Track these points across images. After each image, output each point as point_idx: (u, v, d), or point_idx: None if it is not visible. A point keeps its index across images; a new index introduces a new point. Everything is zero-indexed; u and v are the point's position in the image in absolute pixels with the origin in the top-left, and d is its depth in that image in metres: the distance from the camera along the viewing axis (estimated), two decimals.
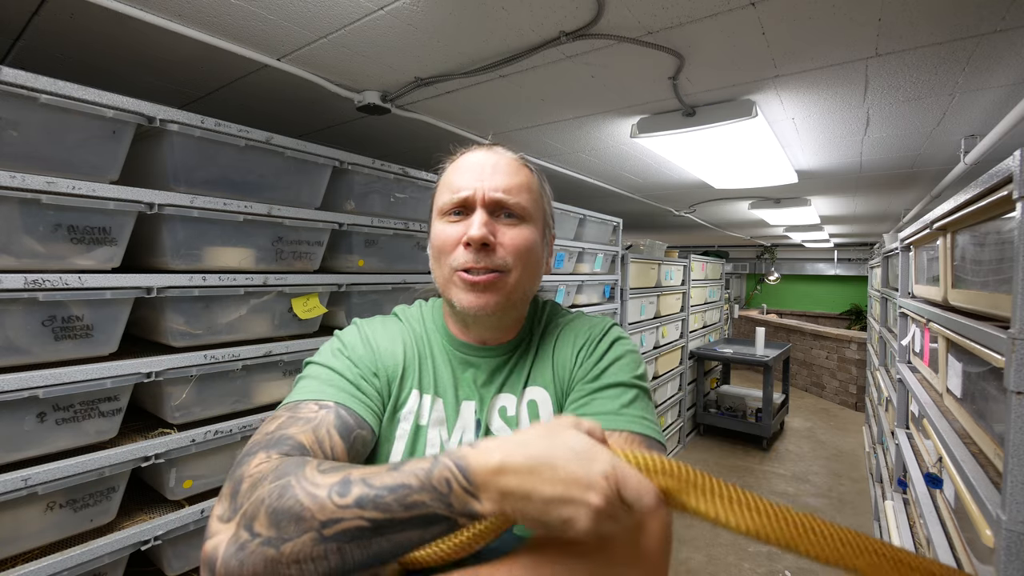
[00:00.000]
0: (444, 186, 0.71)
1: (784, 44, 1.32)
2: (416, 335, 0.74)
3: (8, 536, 0.97)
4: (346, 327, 0.74)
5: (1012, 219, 0.84)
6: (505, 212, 0.68)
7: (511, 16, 1.20)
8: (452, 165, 0.72)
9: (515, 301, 0.69)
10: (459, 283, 0.66)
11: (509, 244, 0.67)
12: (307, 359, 0.70)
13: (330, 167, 1.49)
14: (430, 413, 0.68)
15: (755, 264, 11.03)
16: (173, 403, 1.20)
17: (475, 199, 0.67)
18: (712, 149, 2.14)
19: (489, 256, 0.65)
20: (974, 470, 0.95)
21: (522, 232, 0.68)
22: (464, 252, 0.65)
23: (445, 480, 0.45)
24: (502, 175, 0.68)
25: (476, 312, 0.66)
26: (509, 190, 0.67)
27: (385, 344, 0.71)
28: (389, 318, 0.77)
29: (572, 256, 2.82)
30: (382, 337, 0.72)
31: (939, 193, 2.71)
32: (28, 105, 0.94)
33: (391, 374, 0.69)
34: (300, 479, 0.47)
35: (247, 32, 1.29)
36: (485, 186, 0.67)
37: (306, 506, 0.44)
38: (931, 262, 1.65)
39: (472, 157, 0.71)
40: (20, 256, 0.96)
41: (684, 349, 4.79)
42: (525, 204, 0.69)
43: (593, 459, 0.43)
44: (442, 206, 0.69)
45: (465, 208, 0.67)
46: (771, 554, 2.99)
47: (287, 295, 1.42)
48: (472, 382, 0.71)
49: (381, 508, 0.44)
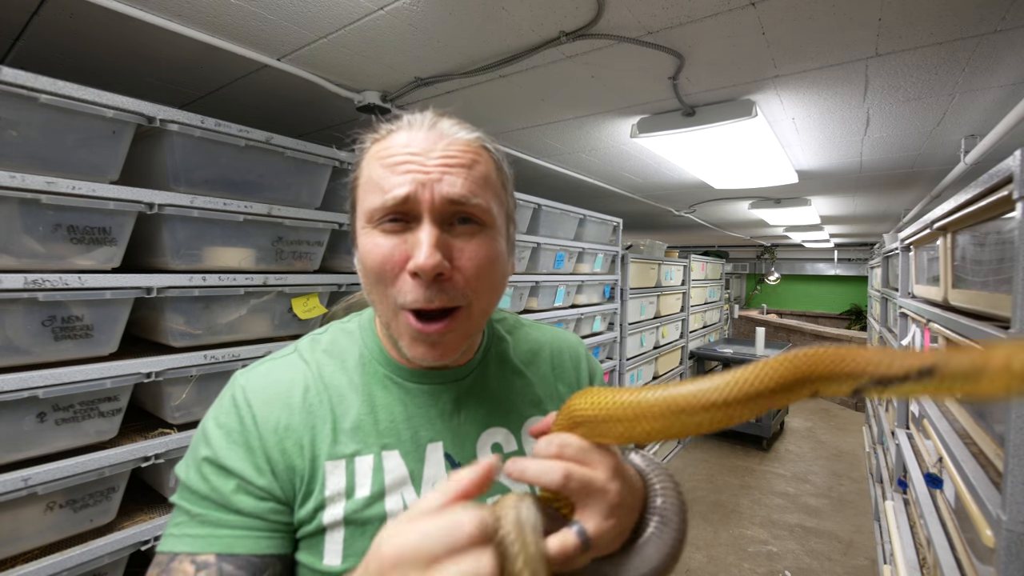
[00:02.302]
0: (370, 181, 0.50)
1: (784, 44, 1.32)
2: (330, 378, 0.55)
3: (8, 536, 0.97)
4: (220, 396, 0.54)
5: (1012, 219, 0.84)
6: (461, 218, 0.49)
7: (511, 16, 1.20)
8: (378, 146, 0.51)
9: (478, 330, 0.56)
10: (407, 329, 0.49)
11: (468, 266, 0.49)
12: (177, 466, 0.52)
13: (330, 167, 1.49)
14: (376, 478, 0.51)
15: (755, 264, 11.03)
16: (173, 403, 1.20)
17: (420, 204, 0.47)
18: (712, 149, 2.14)
19: (444, 290, 0.48)
20: (974, 470, 0.95)
21: (484, 245, 0.50)
22: (413, 286, 0.47)
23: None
24: (456, 167, 0.49)
25: (432, 363, 0.51)
26: (468, 188, 0.49)
27: (274, 415, 0.51)
28: (285, 360, 0.56)
29: (572, 256, 2.82)
30: (269, 406, 0.51)
31: (939, 193, 2.71)
32: (28, 105, 0.94)
33: (291, 460, 0.50)
34: None
35: (247, 32, 1.29)
36: (434, 184, 0.47)
37: None
38: (931, 262, 1.65)
39: (409, 139, 0.50)
40: (20, 256, 0.96)
41: (684, 349, 4.79)
42: (487, 205, 0.50)
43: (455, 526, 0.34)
44: (371, 211, 0.49)
45: (404, 215, 0.48)
46: (771, 554, 2.99)
47: (287, 295, 1.42)
48: (434, 418, 0.55)
49: None
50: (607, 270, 3.29)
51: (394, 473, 0.51)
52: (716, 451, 4.67)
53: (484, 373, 0.61)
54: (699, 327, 5.33)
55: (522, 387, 0.62)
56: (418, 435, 0.54)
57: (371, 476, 0.51)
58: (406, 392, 0.56)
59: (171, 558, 0.46)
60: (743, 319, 9.35)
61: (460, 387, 0.58)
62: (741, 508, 3.56)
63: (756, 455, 4.59)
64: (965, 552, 1.11)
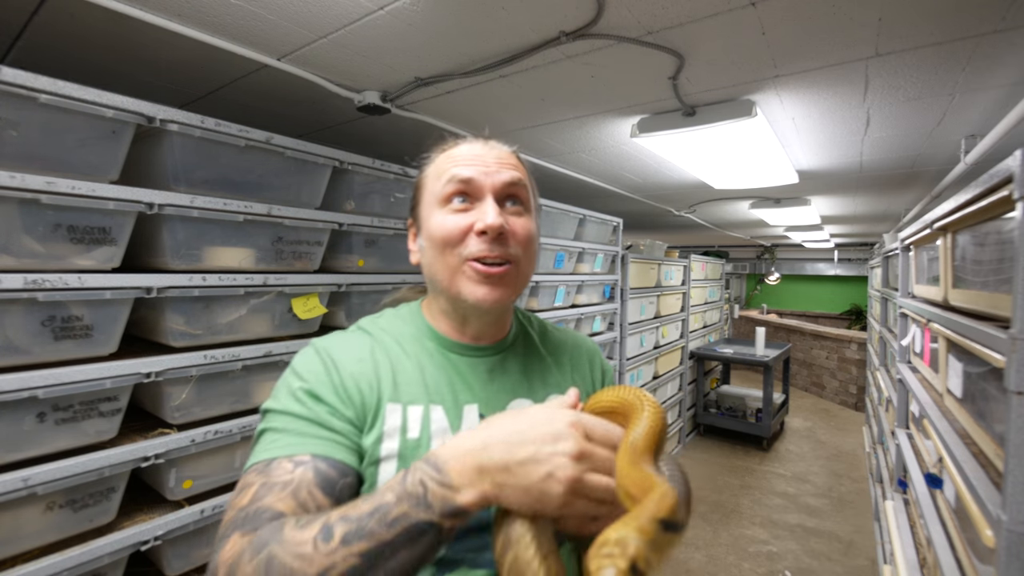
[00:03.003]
0: (440, 174, 0.65)
1: (784, 44, 1.32)
2: (389, 345, 0.66)
3: (8, 536, 0.97)
4: (301, 353, 0.65)
5: (1012, 219, 0.84)
6: (511, 201, 0.65)
7: (511, 16, 1.20)
8: (446, 155, 0.67)
9: (519, 293, 0.67)
10: (471, 274, 0.61)
11: (518, 232, 0.64)
12: (265, 404, 0.60)
13: (330, 167, 1.49)
14: (424, 425, 0.61)
15: (755, 264, 11.03)
16: (173, 403, 1.20)
17: (483, 186, 0.63)
18: (712, 149, 2.14)
19: (503, 245, 0.62)
20: (974, 470, 0.95)
21: (526, 221, 0.66)
22: (477, 241, 0.61)
23: (420, 482, 0.44)
24: (507, 165, 0.65)
25: (488, 305, 0.62)
26: (516, 178, 0.65)
27: (350, 364, 0.62)
28: (351, 332, 0.69)
29: (572, 256, 2.82)
30: (345, 357, 0.63)
31: (939, 193, 2.71)
32: (28, 105, 0.94)
33: (364, 396, 0.61)
34: (282, 544, 0.43)
35: (247, 32, 1.29)
36: (494, 174, 0.63)
37: (295, 568, 0.41)
38: (931, 262, 1.65)
39: (471, 147, 0.66)
40: (20, 256, 0.96)
41: (684, 349, 4.79)
42: (528, 193, 0.67)
43: (555, 417, 0.46)
44: (443, 193, 0.63)
45: (469, 196, 0.63)
46: (771, 554, 2.99)
47: (287, 295, 1.42)
48: (472, 384, 0.66)
49: (366, 536, 0.42)
50: (607, 270, 3.29)
51: (438, 423, 0.62)
52: (716, 451, 4.67)
53: (514, 351, 0.71)
54: (699, 327, 5.33)
55: (543, 369, 0.73)
56: (457, 397, 0.64)
57: (420, 423, 0.61)
58: (449, 361, 0.67)
59: (267, 463, 0.53)
60: (743, 319, 9.35)
61: (494, 360, 0.69)
62: (741, 508, 3.56)
63: (756, 455, 4.59)
64: (965, 552, 1.11)
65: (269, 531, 0.45)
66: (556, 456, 0.43)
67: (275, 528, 0.45)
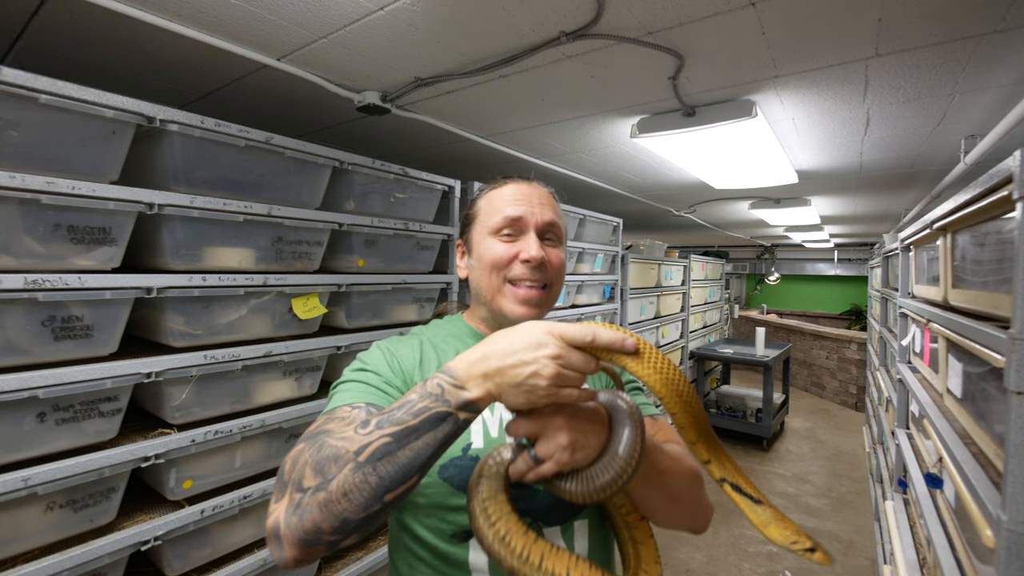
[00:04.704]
0: (492, 208, 0.81)
1: (784, 44, 1.32)
2: (436, 343, 0.82)
3: (8, 536, 0.97)
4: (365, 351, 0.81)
5: (1012, 219, 0.84)
6: (548, 236, 0.81)
7: (511, 16, 1.20)
8: (497, 191, 0.83)
9: (550, 310, 0.83)
10: (511, 295, 0.78)
11: (554, 262, 0.80)
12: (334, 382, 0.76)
13: (330, 167, 1.49)
14: None
15: (755, 264, 11.03)
16: (173, 403, 1.20)
17: (528, 223, 0.79)
18: (712, 149, 2.14)
19: (541, 272, 0.78)
20: (974, 470, 0.95)
21: (560, 254, 0.83)
22: (521, 267, 0.77)
23: (437, 385, 0.55)
24: (547, 205, 0.82)
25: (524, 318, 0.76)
26: (554, 217, 0.82)
27: (405, 353, 0.79)
28: (406, 336, 0.86)
29: (572, 256, 2.82)
30: (401, 349, 0.79)
31: (939, 193, 2.71)
32: (28, 105, 0.94)
33: (414, 376, 0.76)
34: (332, 435, 0.55)
35: (247, 32, 1.29)
36: (537, 213, 0.80)
37: (340, 447, 0.53)
38: (931, 262, 1.65)
39: (519, 188, 0.82)
40: (20, 256, 0.96)
41: (684, 349, 4.79)
42: (562, 231, 0.84)
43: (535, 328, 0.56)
44: (494, 225, 0.80)
45: (516, 228, 0.79)
46: (771, 554, 2.99)
47: (287, 295, 1.42)
48: None
49: (396, 422, 0.53)
50: (607, 270, 3.29)
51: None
52: None
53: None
54: (699, 327, 5.33)
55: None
56: None
57: None
58: None
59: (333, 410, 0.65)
60: (743, 319, 9.35)
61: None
62: None
63: (756, 455, 4.59)
64: (965, 552, 1.11)
65: (323, 431, 0.58)
66: (539, 358, 0.54)
67: (327, 429, 0.58)
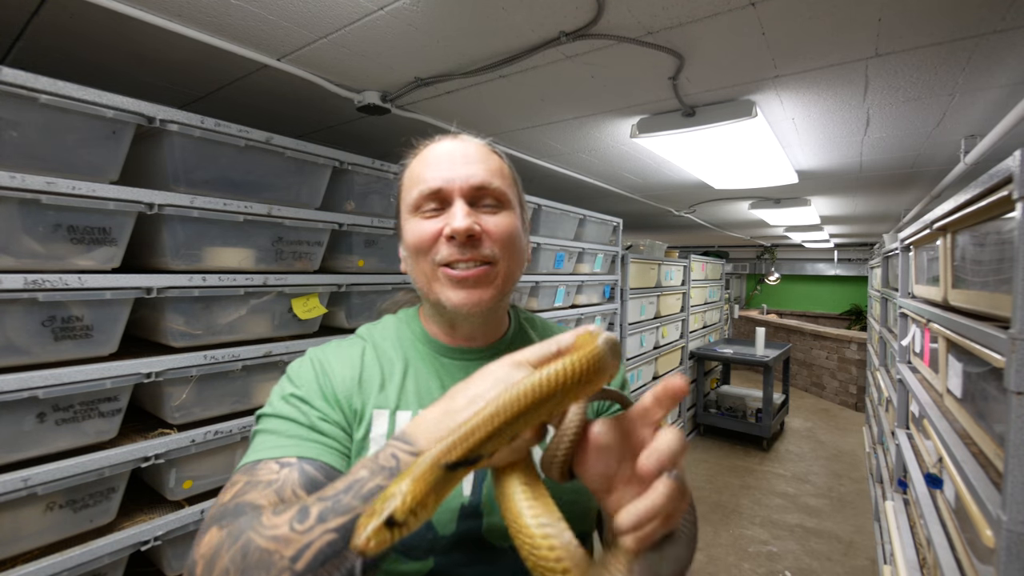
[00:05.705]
0: (412, 180, 0.65)
1: (784, 44, 1.32)
2: (383, 352, 0.68)
3: (8, 536, 0.97)
4: (295, 361, 0.67)
5: (1012, 219, 0.84)
6: (485, 200, 0.63)
7: (511, 16, 1.20)
8: (417, 158, 0.66)
9: (506, 293, 0.65)
10: (444, 280, 0.61)
11: (495, 232, 0.62)
12: (260, 410, 0.62)
13: (330, 167, 1.49)
14: None
15: (755, 264, 11.03)
16: (173, 403, 1.20)
17: (451, 190, 0.61)
18: (712, 149, 2.14)
19: (476, 248, 0.61)
20: (974, 470, 0.95)
21: (505, 219, 0.63)
22: (447, 246, 0.60)
23: (391, 456, 0.44)
24: (476, 162, 0.63)
25: (468, 310, 0.61)
26: (487, 176, 0.63)
27: (341, 370, 0.64)
28: (347, 340, 0.70)
29: (572, 256, 2.82)
30: (336, 364, 0.65)
31: (939, 193, 2.71)
32: (28, 105, 0.94)
33: (351, 401, 0.62)
34: (257, 529, 0.43)
35: (247, 32, 1.29)
36: (461, 174, 0.62)
37: (271, 550, 0.41)
38: (931, 262, 1.65)
39: (440, 147, 0.65)
40: (20, 256, 0.96)
41: (684, 349, 4.79)
42: (504, 189, 0.64)
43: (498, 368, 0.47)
44: (414, 201, 0.63)
45: (440, 201, 0.62)
46: (771, 554, 2.99)
47: (287, 295, 1.41)
48: None
49: (342, 511, 0.42)
50: (607, 270, 3.29)
51: None
52: (716, 451, 4.67)
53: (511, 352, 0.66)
54: (699, 327, 5.33)
55: None
56: None
57: None
58: (442, 366, 0.67)
59: (255, 464, 0.54)
60: (743, 319, 9.35)
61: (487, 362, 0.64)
62: (741, 508, 3.56)
63: (756, 455, 4.59)
64: (965, 552, 1.11)
65: (246, 520, 0.45)
66: None
67: (252, 517, 0.45)
